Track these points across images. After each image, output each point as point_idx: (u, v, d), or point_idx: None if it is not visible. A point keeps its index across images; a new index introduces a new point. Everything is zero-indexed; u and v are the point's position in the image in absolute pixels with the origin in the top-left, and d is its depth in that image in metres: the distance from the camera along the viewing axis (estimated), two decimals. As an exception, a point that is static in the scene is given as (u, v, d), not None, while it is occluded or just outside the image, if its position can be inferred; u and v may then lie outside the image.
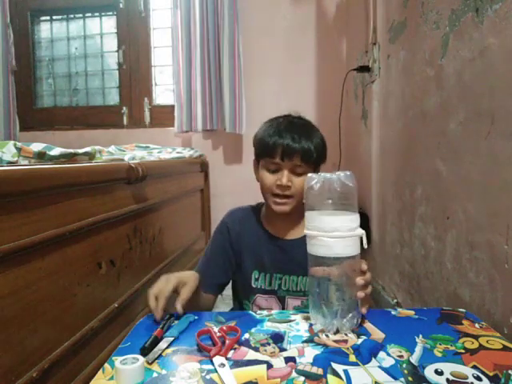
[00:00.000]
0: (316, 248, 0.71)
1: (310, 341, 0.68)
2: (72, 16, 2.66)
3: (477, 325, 0.73)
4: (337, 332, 0.71)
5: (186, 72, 2.37)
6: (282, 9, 2.40)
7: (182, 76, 2.38)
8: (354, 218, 0.71)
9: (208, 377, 0.57)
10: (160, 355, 0.63)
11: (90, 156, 1.16)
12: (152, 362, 0.61)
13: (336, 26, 2.38)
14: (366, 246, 0.71)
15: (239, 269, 1.04)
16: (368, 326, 0.74)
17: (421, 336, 0.68)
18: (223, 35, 2.30)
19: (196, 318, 0.78)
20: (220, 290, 1.05)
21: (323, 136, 0.99)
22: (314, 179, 0.72)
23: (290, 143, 0.91)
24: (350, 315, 0.72)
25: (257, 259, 1.01)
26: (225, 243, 1.03)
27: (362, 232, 0.71)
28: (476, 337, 0.68)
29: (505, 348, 0.65)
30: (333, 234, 0.69)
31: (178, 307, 0.77)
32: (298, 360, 0.61)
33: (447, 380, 0.55)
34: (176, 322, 0.75)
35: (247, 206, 1.09)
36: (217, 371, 0.58)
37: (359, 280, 0.72)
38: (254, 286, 1.01)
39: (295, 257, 0.98)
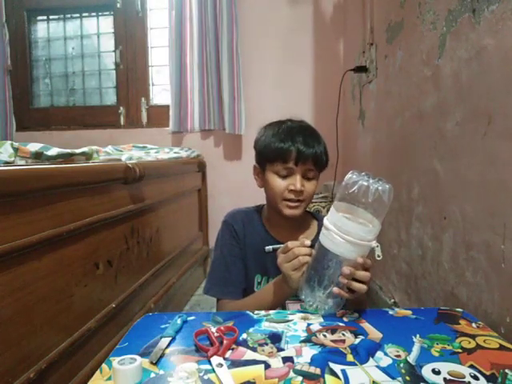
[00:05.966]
0: (324, 239, 0.74)
1: (307, 340, 0.68)
2: (69, 16, 2.65)
3: (474, 324, 0.74)
4: (317, 308, 0.77)
5: (183, 72, 2.37)
6: (279, 10, 2.40)
7: (178, 76, 2.38)
8: (371, 231, 0.71)
9: (206, 377, 0.57)
10: (162, 355, 0.63)
11: (88, 156, 1.16)
12: (156, 362, 0.60)
13: (333, 27, 2.38)
14: (378, 258, 0.72)
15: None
16: (365, 325, 0.74)
17: (418, 336, 0.69)
18: (222, 36, 2.30)
19: (190, 318, 0.77)
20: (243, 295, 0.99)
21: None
22: (354, 179, 0.71)
23: (304, 148, 0.89)
24: (336, 300, 0.76)
25: (259, 263, 0.98)
26: (238, 243, 0.99)
27: (374, 245, 0.72)
28: (473, 336, 0.68)
29: (502, 347, 0.65)
30: (343, 235, 0.70)
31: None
32: (295, 360, 0.61)
33: (444, 379, 0.55)
34: (170, 321, 0.75)
35: (246, 208, 1.05)
36: (215, 371, 0.58)
37: (345, 269, 0.72)
38: (256, 290, 0.97)
39: None
